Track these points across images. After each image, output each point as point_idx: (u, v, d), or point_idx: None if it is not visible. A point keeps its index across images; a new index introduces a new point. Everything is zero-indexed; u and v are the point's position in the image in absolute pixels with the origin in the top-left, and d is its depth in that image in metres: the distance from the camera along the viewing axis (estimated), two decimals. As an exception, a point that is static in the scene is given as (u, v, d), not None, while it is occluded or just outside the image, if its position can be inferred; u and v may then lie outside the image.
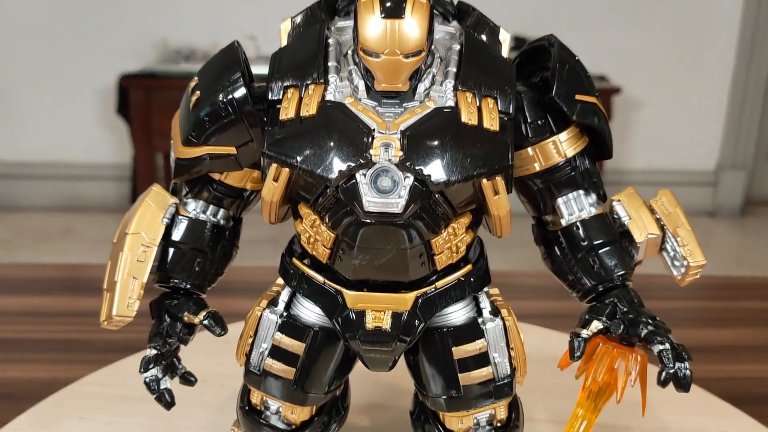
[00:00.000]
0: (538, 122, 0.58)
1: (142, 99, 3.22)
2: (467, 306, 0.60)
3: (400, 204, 0.51)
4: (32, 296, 1.22)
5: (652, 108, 3.72)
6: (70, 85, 3.57)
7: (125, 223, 0.59)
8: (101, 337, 1.02)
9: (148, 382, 0.57)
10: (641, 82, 3.63)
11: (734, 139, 3.84)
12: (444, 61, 0.55)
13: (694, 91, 3.71)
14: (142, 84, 3.21)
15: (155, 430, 0.79)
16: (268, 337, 0.60)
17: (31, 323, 1.11)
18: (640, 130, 3.77)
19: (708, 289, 1.36)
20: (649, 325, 0.56)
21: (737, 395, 0.89)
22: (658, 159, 3.81)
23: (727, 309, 1.22)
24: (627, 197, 0.61)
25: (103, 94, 3.56)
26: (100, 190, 3.71)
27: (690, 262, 0.59)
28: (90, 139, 3.67)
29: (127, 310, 0.56)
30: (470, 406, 0.60)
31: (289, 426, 0.64)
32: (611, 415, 0.81)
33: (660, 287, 1.27)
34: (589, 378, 0.59)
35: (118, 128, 3.55)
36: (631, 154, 3.78)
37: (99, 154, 3.70)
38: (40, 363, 0.97)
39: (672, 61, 3.66)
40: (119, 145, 3.64)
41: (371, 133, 0.51)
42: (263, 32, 3.21)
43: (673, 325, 0.58)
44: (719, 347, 1.06)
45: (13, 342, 1.04)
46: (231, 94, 0.55)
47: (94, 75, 3.53)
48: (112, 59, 3.44)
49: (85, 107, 3.62)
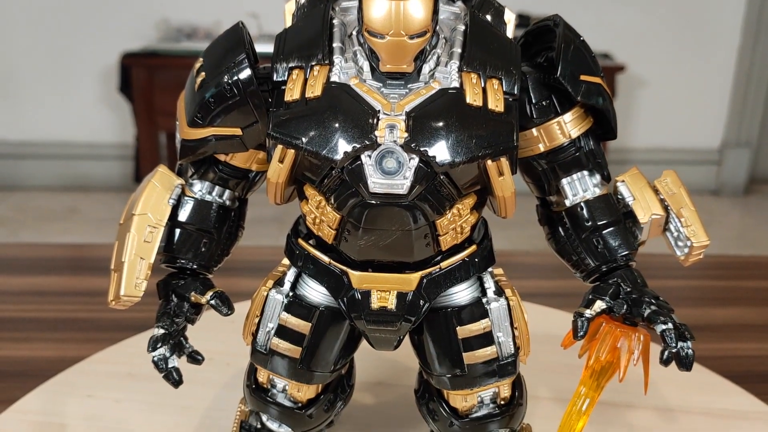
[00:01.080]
0: (542, 103, 0.58)
1: (145, 78, 3.20)
2: (472, 286, 0.61)
3: (405, 185, 0.51)
4: (38, 276, 1.23)
5: (657, 86, 3.69)
6: (72, 64, 3.55)
7: (132, 204, 0.59)
8: (108, 316, 1.02)
9: (156, 361, 0.57)
10: (646, 60, 3.59)
11: (739, 118, 3.81)
12: (449, 41, 0.54)
13: (698, 68, 3.68)
14: (144, 63, 3.20)
15: (162, 407, 0.80)
16: (275, 316, 0.61)
17: (37, 302, 1.11)
18: (644, 108, 3.74)
19: (711, 268, 1.36)
20: (652, 305, 0.56)
21: (738, 373, 0.90)
22: (662, 137, 3.78)
23: (730, 288, 1.23)
24: (631, 178, 0.61)
25: (105, 73, 3.55)
26: (103, 169, 3.71)
27: (693, 243, 0.59)
28: (92, 118, 3.67)
29: (134, 290, 0.56)
30: (474, 384, 0.61)
31: (295, 404, 0.65)
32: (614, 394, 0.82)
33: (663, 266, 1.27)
34: (592, 357, 0.59)
35: (121, 107, 3.54)
36: (635, 133, 3.76)
37: (102, 134, 3.69)
38: (47, 342, 0.98)
39: (677, 39, 3.62)
40: (122, 124, 3.64)
41: (376, 115, 0.51)
42: (265, 10, 3.19)
43: (676, 304, 0.58)
44: (721, 326, 1.07)
45: (20, 321, 1.05)
46: (236, 75, 0.55)
47: (96, 54, 3.51)
48: (114, 38, 3.42)
49: (88, 86, 3.61)
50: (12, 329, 1.02)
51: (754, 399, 0.85)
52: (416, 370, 0.67)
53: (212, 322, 0.77)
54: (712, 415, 0.82)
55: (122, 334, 0.98)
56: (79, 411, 0.81)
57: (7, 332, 1.01)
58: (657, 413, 0.82)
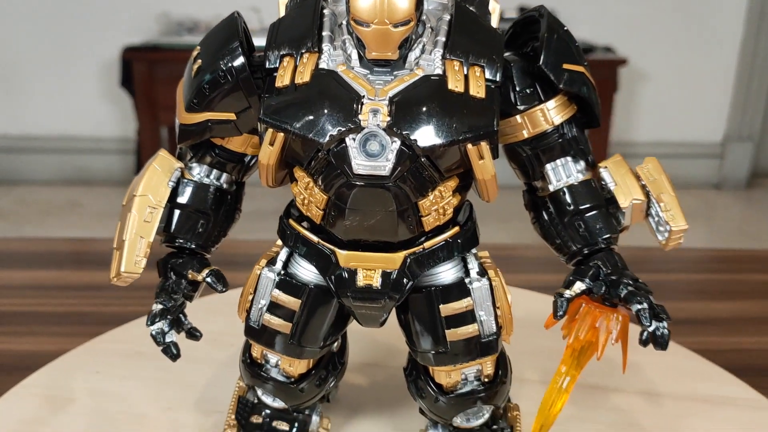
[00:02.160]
0: (527, 91, 0.60)
1: (146, 72, 3.21)
2: (456, 266, 0.63)
3: (387, 167, 0.53)
4: (40, 270, 1.24)
5: (659, 79, 3.69)
6: (73, 58, 3.57)
7: (133, 186, 0.62)
8: (110, 310, 1.04)
9: (155, 335, 0.60)
10: (648, 54, 3.59)
11: (741, 111, 3.80)
12: (434, 30, 0.57)
13: (701, 62, 3.68)
14: (145, 57, 3.21)
15: (167, 383, 0.83)
16: (267, 294, 0.63)
17: (39, 296, 1.12)
18: (646, 101, 3.74)
19: (711, 261, 1.38)
20: (629, 286, 0.58)
21: (740, 367, 0.90)
22: (664, 131, 3.78)
23: (732, 281, 1.23)
24: (613, 164, 0.63)
25: (106, 67, 3.57)
26: (105, 163, 3.73)
27: (672, 227, 0.61)
28: (94, 112, 3.68)
29: (134, 267, 0.59)
30: (456, 360, 0.63)
31: (287, 378, 0.67)
32: (603, 378, 0.85)
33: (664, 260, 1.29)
34: (572, 336, 0.61)
35: (122, 101, 3.56)
36: (637, 126, 3.76)
37: (103, 128, 3.71)
38: (49, 336, 0.99)
39: (679, 32, 3.61)
40: (123, 119, 3.66)
41: (360, 100, 0.53)
42: (266, 4, 3.18)
43: (677, 297, 0.59)
44: (722, 319, 1.07)
45: (22, 315, 1.05)
46: (230, 62, 0.57)
47: (97, 48, 3.53)
48: (115, 32, 3.44)
49: (89, 80, 3.62)
50: (14, 323, 1.03)
51: (743, 385, 0.87)
52: (406, 352, 0.69)
53: (214, 305, 0.81)
54: (699, 400, 0.83)
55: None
56: (86, 386, 0.83)
57: (9, 326, 1.02)
58: (644, 397, 0.84)
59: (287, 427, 0.70)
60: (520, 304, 0.70)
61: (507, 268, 0.66)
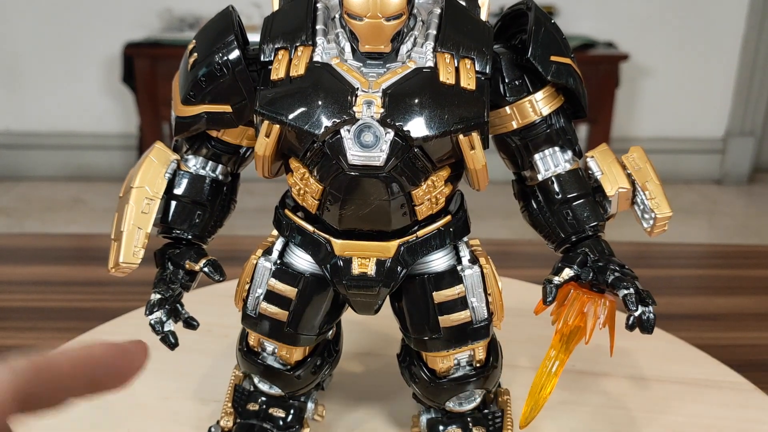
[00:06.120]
0: (515, 82, 0.62)
1: (148, 68, 3.22)
2: (448, 255, 0.65)
3: (381, 158, 0.55)
4: (42, 265, 1.24)
5: (661, 75, 3.69)
6: (75, 54, 3.58)
7: (130, 178, 0.63)
8: (113, 306, 1.05)
9: (153, 324, 0.61)
10: (649, 49, 3.59)
11: (743, 107, 3.80)
12: (426, 24, 0.58)
13: (703, 57, 3.67)
14: (147, 53, 3.22)
15: (165, 372, 0.85)
16: (263, 282, 0.65)
17: (42, 292, 1.12)
18: (648, 97, 3.74)
19: (713, 257, 1.38)
20: (615, 272, 0.60)
21: (741, 362, 0.91)
22: (666, 126, 3.78)
23: (733, 277, 1.23)
24: (600, 153, 0.65)
25: (108, 63, 3.58)
26: (107, 159, 3.75)
27: (657, 214, 0.62)
28: (96, 108, 3.70)
29: (132, 257, 0.60)
30: (449, 346, 0.65)
31: (284, 365, 0.69)
32: (592, 364, 0.87)
33: (666, 256, 1.29)
34: (560, 321, 0.63)
35: (124, 97, 3.57)
36: (638, 122, 3.76)
37: (105, 124, 3.72)
38: (52, 331, 0.99)
39: (681, 28, 3.61)
40: (125, 115, 3.67)
41: (354, 92, 0.54)
42: None
43: (678, 293, 0.60)
44: (723, 315, 1.07)
45: (25, 310, 1.06)
46: (226, 55, 0.59)
47: (98, 44, 3.54)
48: (116, 28, 3.45)
49: (91, 76, 3.64)
50: (17, 319, 1.03)
51: (726, 369, 0.89)
52: (401, 339, 0.71)
53: (211, 297, 0.82)
54: (685, 383, 0.86)
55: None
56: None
57: (13, 321, 1.02)
58: (631, 381, 0.86)
59: (283, 414, 0.71)
60: (514, 294, 0.72)
61: (509, 264, 0.67)
